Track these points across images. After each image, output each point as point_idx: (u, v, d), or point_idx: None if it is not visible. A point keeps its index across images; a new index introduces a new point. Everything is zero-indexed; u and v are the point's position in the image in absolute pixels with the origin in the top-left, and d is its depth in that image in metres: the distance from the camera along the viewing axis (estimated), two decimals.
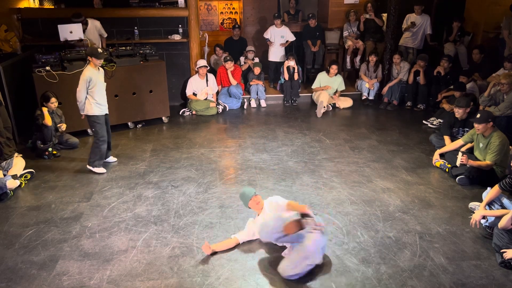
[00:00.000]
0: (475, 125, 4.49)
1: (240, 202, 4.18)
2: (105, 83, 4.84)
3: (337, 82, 7.42)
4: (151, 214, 4.02)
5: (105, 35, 6.79)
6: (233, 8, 9.66)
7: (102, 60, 4.72)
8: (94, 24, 6.64)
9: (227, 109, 7.30)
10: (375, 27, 8.24)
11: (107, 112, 4.92)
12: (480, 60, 6.81)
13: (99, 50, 4.66)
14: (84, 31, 6.33)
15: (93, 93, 4.65)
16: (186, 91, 7.19)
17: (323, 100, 7.07)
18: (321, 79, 7.43)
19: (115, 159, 5.19)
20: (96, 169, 4.86)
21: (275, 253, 3.43)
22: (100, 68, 4.78)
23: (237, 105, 7.41)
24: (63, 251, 3.47)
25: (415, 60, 7.60)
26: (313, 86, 7.48)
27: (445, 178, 4.77)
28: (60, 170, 4.98)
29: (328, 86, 7.30)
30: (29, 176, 4.71)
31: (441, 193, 4.43)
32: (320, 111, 6.96)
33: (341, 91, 7.53)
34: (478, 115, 4.44)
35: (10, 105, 5.54)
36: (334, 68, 7.30)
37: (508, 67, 5.97)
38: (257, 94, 7.58)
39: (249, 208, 3.62)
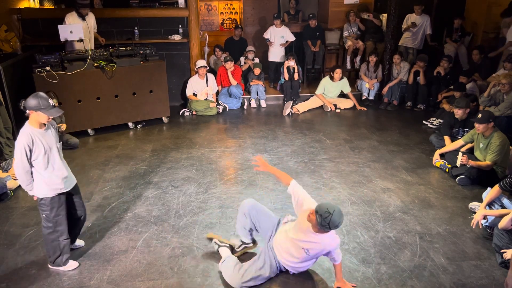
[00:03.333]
0: (476, 125, 4.49)
1: (239, 202, 4.19)
2: (58, 147, 3.11)
3: (342, 86, 7.38)
4: (151, 214, 4.02)
5: (96, 29, 6.67)
6: (233, 9, 9.66)
7: (51, 118, 3.00)
8: (92, 17, 6.56)
9: (227, 109, 7.30)
10: (375, 27, 8.25)
11: (70, 187, 3.22)
12: (480, 60, 6.82)
13: (51, 101, 3.00)
14: (84, 18, 6.31)
15: (40, 166, 3.00)
16: (186, 91, 7.19)
17: (313, 103, 7.26)
18: (326, 85, 7.33)
19: (82, 242, 3.58)
20: (63, 268, 3.26)
21: None
22: (47, 125, 3.06)
23: (237, 105, 7.42)
24: None
25: (415, 60, 7.60)
26: (317, 92, 7.37)
27: (445, 178, 4.78)
28: None
29: (332, 106, 7.29)
30: None
31: (441, 193, 4.43)
32: (286, 110, 7.02)
33: (350, 92, 7.47)
34: (480, 115, 4.44)
35: (10, 105, 5.53)
36: (338, 73, 7.19)
37: (508, 67, 5.97)
38: (257, 94, 7.58)
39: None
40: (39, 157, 2.98)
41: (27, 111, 2.95)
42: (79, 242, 3.56)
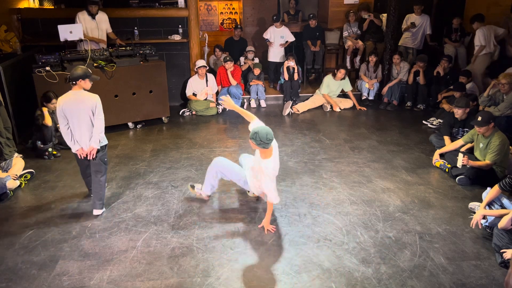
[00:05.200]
0: (476, 127, 4.50)
1: None
2: None
3: (344, 84, 7.38)
4: (151, 214, 4.02)
5: (110, 29, 6.70)
6: (233, 9, 9.67)
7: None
8: (103, 16, 6.58)
9: (227, 109, 7.30)
10: (375, 27, 8.25)
11: None
12: None
13: (89, 70, 3.87)
14: (94, 16, 6.35)
15: None
16: (186, 91, 7.19)
17: (312, 103, 7.29)
18: (329, 82, 7.33)
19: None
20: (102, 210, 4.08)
21: (275, 253, 3.44)
22: None
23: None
24: (63, 251, 3.47)
25: (415, 60, 7.61)
26: (323, 92, 7.33)
27: (445, 178, 4.78)
28: (60, 170, 4.98)
29: (335, 105, 7.29)
30: (29, 176, 4.71)
31: (441, 193, 4.43)
32: (285, 110, 7.03)
33: (351, 91, 7.48)
34: (479, 118, 4.42)
35: (10, 105, 5.54)
36: (342, 73, 7.20)
37: None
38: (257, 94, 7.58)
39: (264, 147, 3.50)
40: None
41: (74, 82, 3.75)
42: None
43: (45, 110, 5.27)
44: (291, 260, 3.35)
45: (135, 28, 7.08)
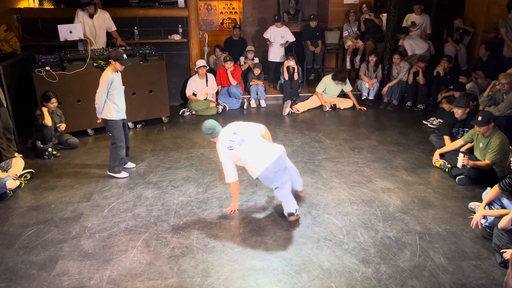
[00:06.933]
0: (476, 127, 4.49)
1: (240, 202, 4.19)
2: (123, 87, 4.65)
3: (343, 85, 7.38)
4: (151, 214, 4.02)
5: (114, 28, 6.66)
6: (233, 8, 9.66)
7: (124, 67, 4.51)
8: (103, 15, 6.56)
9: (227, 109, 7.30)
10: (375, 27, 8.25)
11: (125, 117, 4.75)
12: (486, 56, 6.79)
13: (125, 55, 4.48)
14: (92, 16, 6.35)
15: (113, 97, 4.49)
16: (186, 91, 7.19)
17: (312, 103, 7.31)
18: (327, 83, 7.34)
19: (134, 165, 5.03)
20: (118, 175, 4.73)
21: (275, 253, 3.44)
22: (119, 72, 4.57)
23: (237, 105, 7.42)
24: (63, 251, 3.47)
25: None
26: (318, 90, 7.37)
27: (445, 178, 4.78)
28: (60, 170, 4.97)
29: (328, 104, 7.30)
30: (28, 176, 4.71)
31: (441, 193, 4.43)
32: (285, 110, 7.03)
33: (350, 91, 7.48)
34: (479, 118, 4.42)
35: (10, 105, 5.53)
36: (339, 83, 7.27)
37: None
38: (257, 94, 7.58)
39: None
40: (115, 90, 4.49)
41: (111, 61, 4.44)
42: (131, 165, 5.01)
43: (44, 110, 5.27)
44: (291, 260, 3.35)
45: (135, 28, 7.08)
